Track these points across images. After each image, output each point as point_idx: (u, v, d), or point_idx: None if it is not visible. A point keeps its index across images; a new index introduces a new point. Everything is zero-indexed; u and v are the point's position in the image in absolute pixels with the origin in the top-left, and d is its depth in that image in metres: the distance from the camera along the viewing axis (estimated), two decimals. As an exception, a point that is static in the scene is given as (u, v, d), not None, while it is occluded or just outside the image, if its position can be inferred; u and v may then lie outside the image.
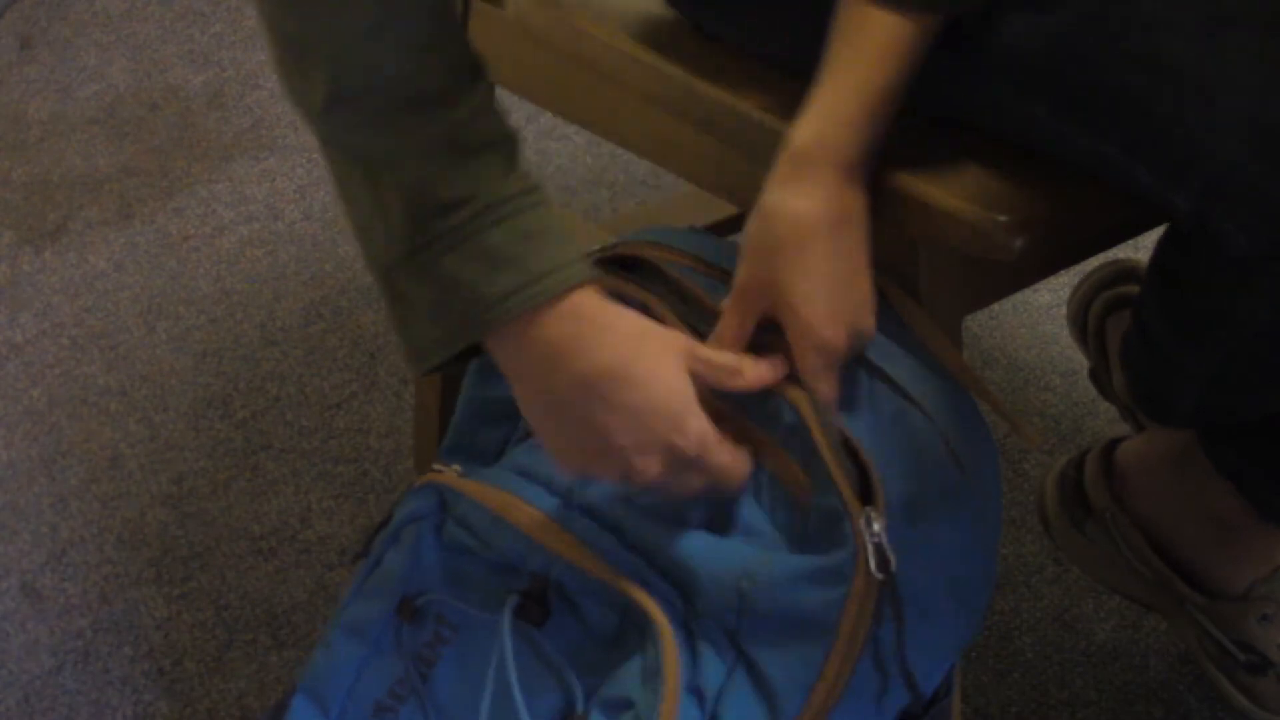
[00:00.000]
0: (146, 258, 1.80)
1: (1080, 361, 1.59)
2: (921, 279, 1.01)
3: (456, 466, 1.04)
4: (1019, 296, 1.71)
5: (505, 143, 0.90)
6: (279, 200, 1.88)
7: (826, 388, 0.94)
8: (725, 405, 0.95)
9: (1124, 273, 1.40)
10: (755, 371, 0.94)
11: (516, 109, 1.98)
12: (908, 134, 0.98)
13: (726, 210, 1.36)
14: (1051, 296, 1.71)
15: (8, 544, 1.47)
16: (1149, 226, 1.04)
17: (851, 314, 0.94)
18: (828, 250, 0.93)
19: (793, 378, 0.94)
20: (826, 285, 0.93)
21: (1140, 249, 1.38)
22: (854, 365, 0.96)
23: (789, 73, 1.07)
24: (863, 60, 0.93)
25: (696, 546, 0.94)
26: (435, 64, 0.88)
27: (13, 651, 1.37)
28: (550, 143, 1.95)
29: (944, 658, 0.97)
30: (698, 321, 0.98)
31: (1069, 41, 0.93)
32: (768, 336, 0.95)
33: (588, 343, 0.89)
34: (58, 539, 1.47)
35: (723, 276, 1.00)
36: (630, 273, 1.02)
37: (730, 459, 0.93)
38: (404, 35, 0.87)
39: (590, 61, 1.15)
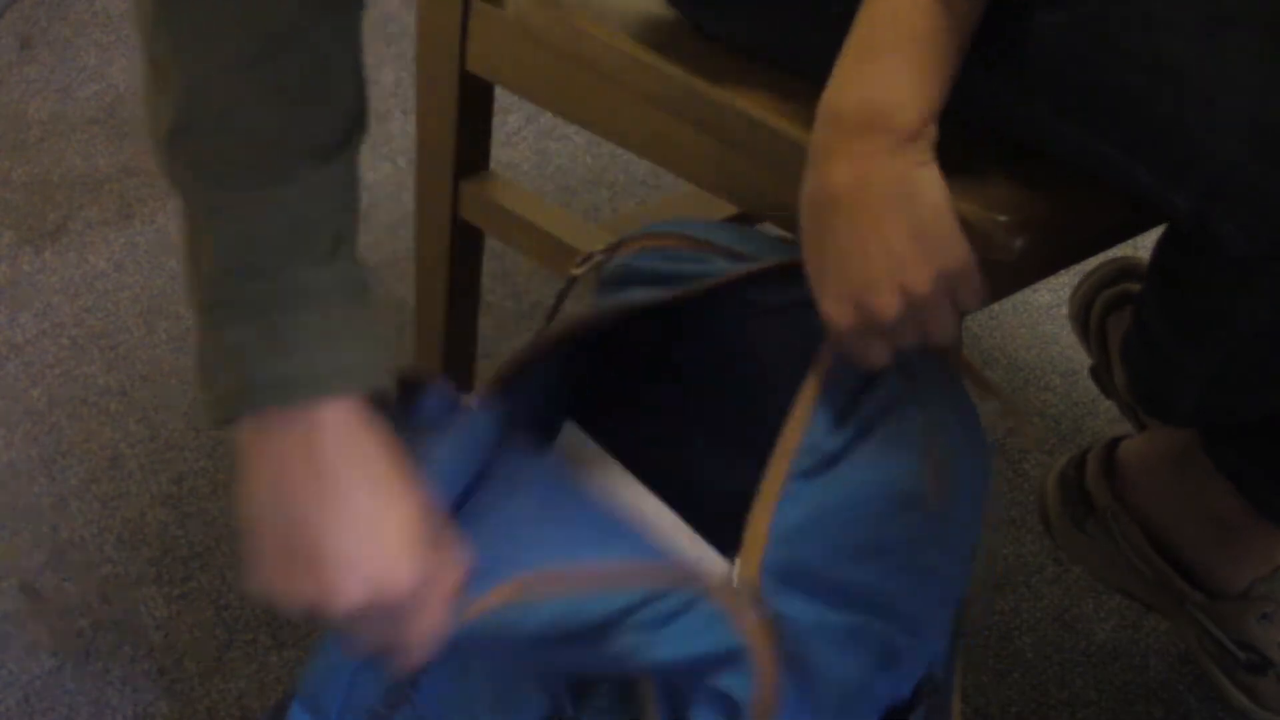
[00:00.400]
0: (146, 258, 1.80)
1: (1080, 361, 1.59)
2: (921, 279, 1.01)
3: None
4: (1019, 296, 1.71)
5: (328, 224, 0.83)
6: (279, 200, 1.88)
7: (862, 354, 0.91)
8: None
9: (1125, 270, 1.40)
10: (422, 617, 0.85)
11: (516, 109, 1.99)
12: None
13: (726, 210, 1.36)
14: (1051, 296, 1.71)
15: (8, 544, 1.47)
16: (1149, 226, 1.04)
17: (858, 292, 0.89)
18: (835, 221, 0.89)
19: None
20: (836, 260, 0.90)
21: (1140, 249, 1.38)
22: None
23: (789, 73, 1.07)
24: (874, 17, 0.90)
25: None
26: (296, 121, 0.81)
27: (13, 651, 1.37)
28: (550, 143, 1.95)
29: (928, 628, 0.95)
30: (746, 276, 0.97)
31: (1069, 41, 0.93)
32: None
33: (322, 450, 0.82)
34: (58, 539, 1.47)
35: (735, 257, 1.00)
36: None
37: (424, 634, 0.85)
38: (275, 81, 0.80)
39: (590, 61, 1.15)
